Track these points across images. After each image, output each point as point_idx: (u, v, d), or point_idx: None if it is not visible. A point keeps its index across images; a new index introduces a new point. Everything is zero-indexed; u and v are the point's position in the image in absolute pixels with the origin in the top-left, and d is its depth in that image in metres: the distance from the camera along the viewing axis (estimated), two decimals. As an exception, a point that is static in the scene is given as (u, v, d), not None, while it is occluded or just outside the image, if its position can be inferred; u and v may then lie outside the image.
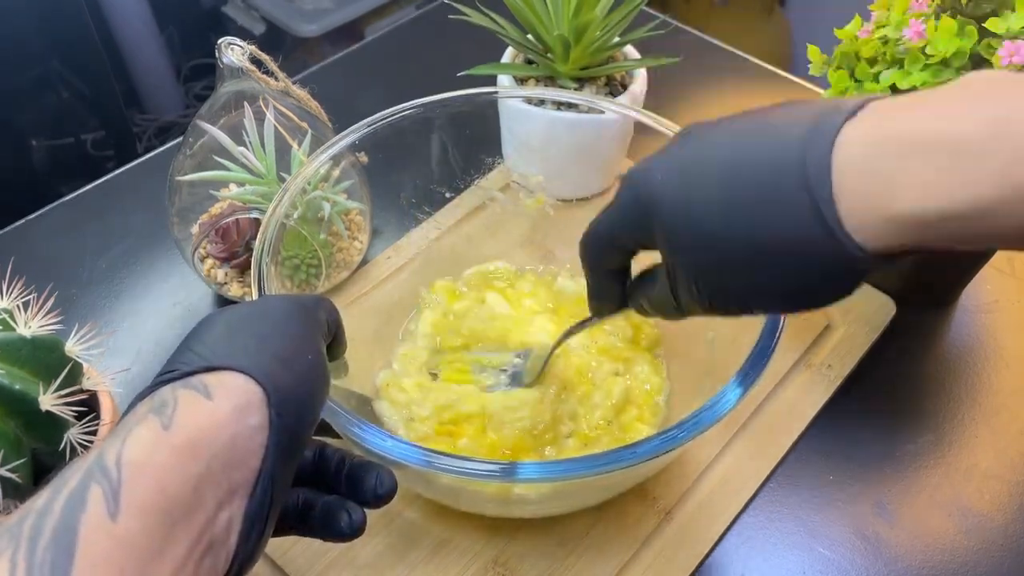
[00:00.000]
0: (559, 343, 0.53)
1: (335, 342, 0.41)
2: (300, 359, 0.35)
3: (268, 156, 0.61)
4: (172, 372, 0.33)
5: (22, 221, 0.75)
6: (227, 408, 0.31)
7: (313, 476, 0.40)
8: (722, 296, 0.35)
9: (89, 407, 0.48)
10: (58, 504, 0.27)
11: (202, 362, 0.32)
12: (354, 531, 0.39)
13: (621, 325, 0.59)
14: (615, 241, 0.39)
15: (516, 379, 0.55)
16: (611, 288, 0.43)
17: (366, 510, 0.40)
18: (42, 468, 0.46)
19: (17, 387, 0.43)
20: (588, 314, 0.47)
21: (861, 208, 0.30)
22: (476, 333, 0.58)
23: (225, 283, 0.65)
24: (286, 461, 0.33)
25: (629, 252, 0.40)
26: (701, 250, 0.34)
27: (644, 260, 0.41)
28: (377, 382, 0.57)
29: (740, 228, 0.32)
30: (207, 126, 0.61)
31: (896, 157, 0.29)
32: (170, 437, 0.29)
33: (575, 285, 0.63)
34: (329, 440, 0.43)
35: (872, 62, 0.57)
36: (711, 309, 0.36)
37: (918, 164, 0.28)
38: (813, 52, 0.61)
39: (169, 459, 0.29)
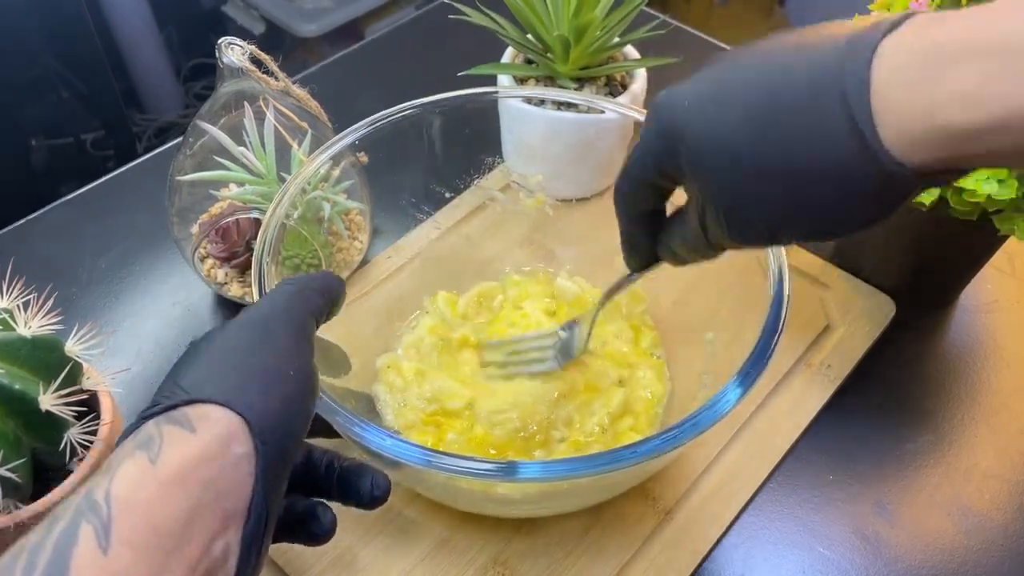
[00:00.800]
0: (600, 307, 0.52)
1: (334, 306, 0.41)
2: (282, 378, 0.34)
3: (268, 156, 0.61)
4: (155, 407, 0.33)
5: (22, 221, 0.75)
6: (211, 440, 0.31)
7: (302, 480, 0.40)
8: (751, 225, 0.33)
9: (89, 407, 0.48)
10: (50, 541, 0.27)
11: (184, 395, 0.32)
12: (328, 533, 0.39)
13: (622, 328, 0.59)
14: (644, 176, 0.37)
15: (565, 351, 0.54)
16: (644, 237, 0.41)
17: (366, 510, 0.40)
18: (42, 468, 0.46)
19: (17, 387, 0.43)
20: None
21: (901, 120, 0.28)
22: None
23: (225, 283, 0.65)
24: (277, 482, 0.33)
25: (660, 191, 0.38)
26: (730, 175, 0.32)
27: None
28: (378, 363, 0.57)
29: (771, 147, 0.31)
30: (207, 126, 0.61)
31: (941, 63, 0.27)
32: (157, 471, 0.29)
33: (575, 286, 0.63)
34: (316, 442, 0.43)
35: (872, 62, 0.57)
36: (742, 239, 0.34)
37: (966, 69, 0.27)
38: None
39: (157, 493, 0.29)
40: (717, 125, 0.32)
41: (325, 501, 0.41)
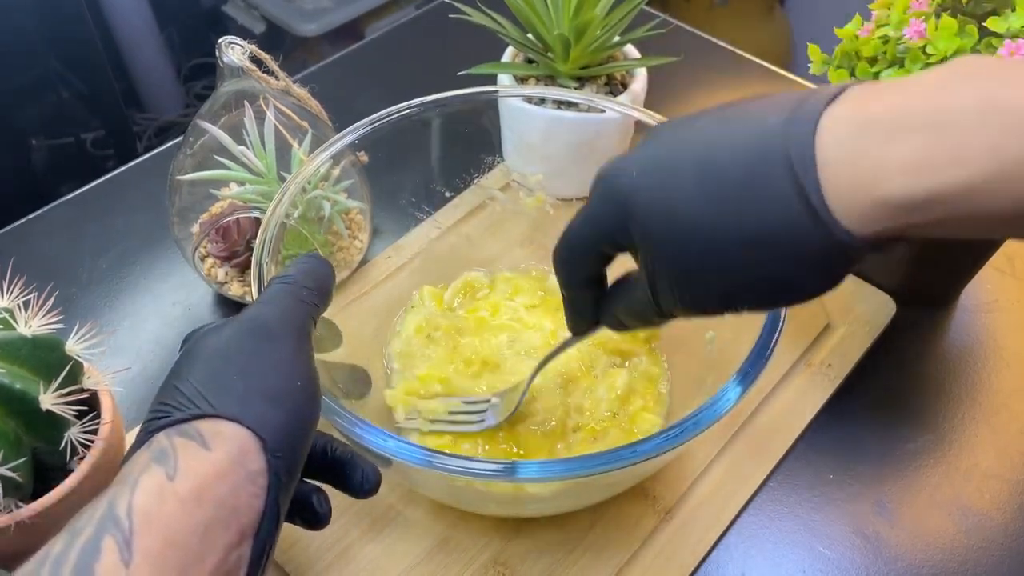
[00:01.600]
0: (535, 373, 0.52)
1: (328, 298, 0.42)
2: (289, 390, 0.35)
3: (268, 155, 0.61)
4: (164, 416, 0.33)
5: (22, 221, 0.75)
6: (225, 458, 0.31)
7: None
8: (705, 294, 0.34)
9: (89, 406, 0.48)
10: (73, 552, 0.28)
11: (193, 409, 0.33)
12: (323, 520, 0.40)
13: None
14: (589, 246, 0.37)
15: (494, 415, 0.54)
16: (587, 301, 0.41)
17: (356, 499, 0.41)
18: (43, 467, 0.46)
19: (17, 386, 0.43)
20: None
21: (847, 192, 0.28)
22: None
23: (225, 282, 0.65)
24: (286, 492, 0.34)
25: (605, 257, 0.38)
26: (681, 246, 0.32)
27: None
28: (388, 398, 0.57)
29: (721, 219, 0.31)
30: (207, 125, 0.61)
31: (882, 136, 0.28)
32: (175, 487, 0.30)
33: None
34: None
35: (872, 61, 0.57)
36: (694, 310, 0.35)
37: (905, 143, 0.27)
38: (813, 51, 0.61)
39: (176, 509, 0.30)
40: (668, 194, 0.32)
41: (321, 486, 0.41)
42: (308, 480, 0.41)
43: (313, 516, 0.40)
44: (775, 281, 0.32)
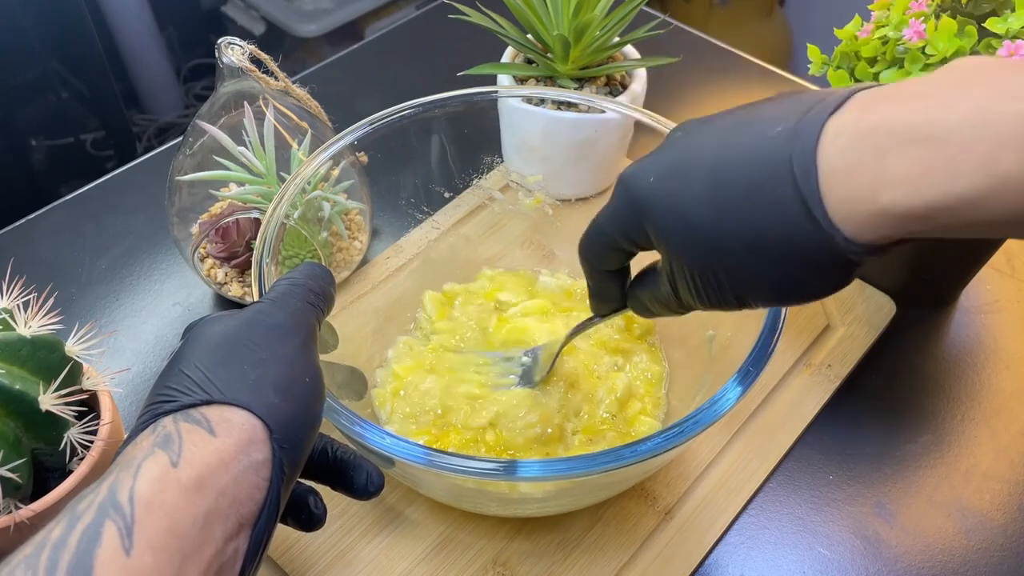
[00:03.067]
0: (566, 341, 0.52)
1: (331, 305, 0.42)
2: (298, 384, 0.35)
3: (268, 156, 0.61)
4: (170, 400, 0.33)
5: (22, 221, 0.75)
6: (231, 446, 0.31)
7: None
8: (719, 292, 0.35)
9: (89, 407, 0.48)
10: (73, 538, 0.28)
11: (201, 395, 0.33)
12: (319, 522, 0.40)
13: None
14: (612, 242, 0.39)
15: (526, 377, 0.55)
16: (611, 288, 0.43)
17: (355, 500, 0.41)
18: (42, 468, 0.46)
19: (17, 387, 0.43)
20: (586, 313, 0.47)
21: (848, 202, 0.30)
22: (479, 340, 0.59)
23: (225, 283, 0.65)
24: (287, 486, 0.34)
25: (627, 253, 0.40)
26: (694, 248, 0.34)
27: (644, 260, 0.41)
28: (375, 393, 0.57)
29: (730, 226, 0.32)
30: (207, 126, 0.61)
31: (881, 150, 0.29)
32: (178, 474, 0.30)
33: (556, 281, 0.63)
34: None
35: (872, 62, 0.57)
36: (711, 304, 0.36)
37: (903, 156, 0.28)
38: (813, 52, 0.61)
39: (178, 497, 0.29)
40: (680, 202, 0.34)
41: (316, 488, 0.41)
42: (303, 481, 0.41)
43: (309, 517, 0.40)
44: (782, 283, 0.33)
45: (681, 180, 0.34)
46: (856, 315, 0.64)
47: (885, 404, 0.61)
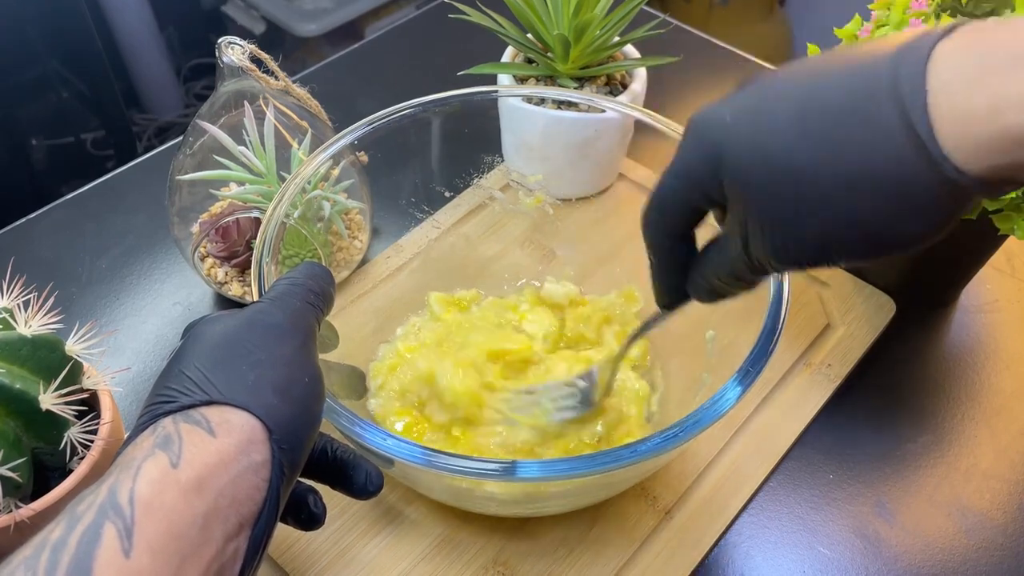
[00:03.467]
0: (623, 352, 0.50)
1: (330, 305, 0.42)
2: (297, 385, 0.35)
3: (268, 155, 0.61)
4: (170, 401, 0.33)
5: (22, 221, 0.75)
6: (231, 447, 0.31)
7: None
8: (800, 243, 0.32)
9: (89, 406, 0.48)
10: (73, 539, 0.28)
11: (201, 395, 0.33)
12: (318, 522, 0.40)
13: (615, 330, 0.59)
14: (681, 198, 0.35)
15: (585, 400, 0.52)
16: (676, 269, 0.39)
17: (354, 499, 0.41)
18: (42, 467, 0.46)
19: (17, 386, 0.43)
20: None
21: (962, 123, 0.27)
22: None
23: (225, 282, 0.65)
24: (287, 487, 0.34)
25: (695, 215, 0.36)
26: (776, 190, 0.31)
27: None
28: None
29: (820, 157, 0.29)
30: (207, 125, 0.61)
31: (1003, 66, 0.26)
32: (178, 475, 0.30)
33: (562, 288, 0.63)
34: None
35: (872, 62, 0.57)
36: (788, 262, 0.33)
37: None
38: (813, 51, 0.61)
39: (178, 498, 0.29)
40: (763, 136, 0.31)
41: (316, 487, 0.41)
42: (303, 480, 0.41)
43: (309, 516, 0.40)
44: (874, 226, 0.30)
45: (764, 115, 0.31)
46: (856, 315, 0.64)
47: (885, 404, 0.61)
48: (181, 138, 0.66)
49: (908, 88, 0.28)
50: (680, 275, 0.39)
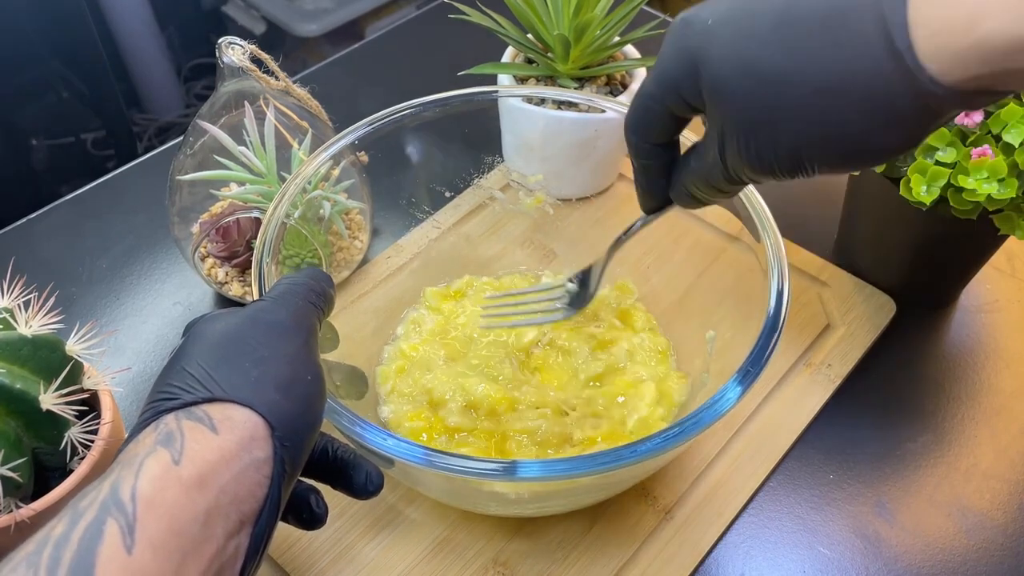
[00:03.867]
0: (610, 254, 0.50)
1: (331, 307, 0.42)
2: (300, 383, 0.35)
3: (268, 155, 0.61)
4: (173, 398, 0.33)
5: (22, 221, 0.75)
6: (233, 444, 0.31)
7: None
8: (775, 151, 0.32)
9: (90, 406, 0.48)
10: (76, 535, 0.28)
11: (204, 392, 0.33)
12: (319, 521, 0.40)
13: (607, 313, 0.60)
14: (661, 102, 0.35)
15: (575, 302, 0.53)
16: (658, 173, 0.39)
17: (355, 499, 0.41)
18: (43, 467, 0.46)
19: (17, 386, 0.43)
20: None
21: (939, 34, 0.27)
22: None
23: (226, 282, 0.65)
24: (288, 484, 0.34)
25: (675, 120, 0.36)
26: (753, 95, 0.31)
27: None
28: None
29: (797, 64, 0.29)
30: (207, 125, 0.61)
31: None
32: (180, 471, 0.30)
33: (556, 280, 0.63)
34: None
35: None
36: (763, 170, 0.33)
37: None
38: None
39: (179, 495, 0.29)
40: (742, 41, 0.31)
41: (317, 487, 0.41)
42: (305, 479, 0.41)
43: (310, 516, 0.40)
44: (849, 135, 0.30)
45: (744, 20, 0.31)
46: (856, 315, 0.64)
47: (885, 404, 0.61)
48: (181, 138, 0.66)
49: None
50: (662, 180, 0.39)
